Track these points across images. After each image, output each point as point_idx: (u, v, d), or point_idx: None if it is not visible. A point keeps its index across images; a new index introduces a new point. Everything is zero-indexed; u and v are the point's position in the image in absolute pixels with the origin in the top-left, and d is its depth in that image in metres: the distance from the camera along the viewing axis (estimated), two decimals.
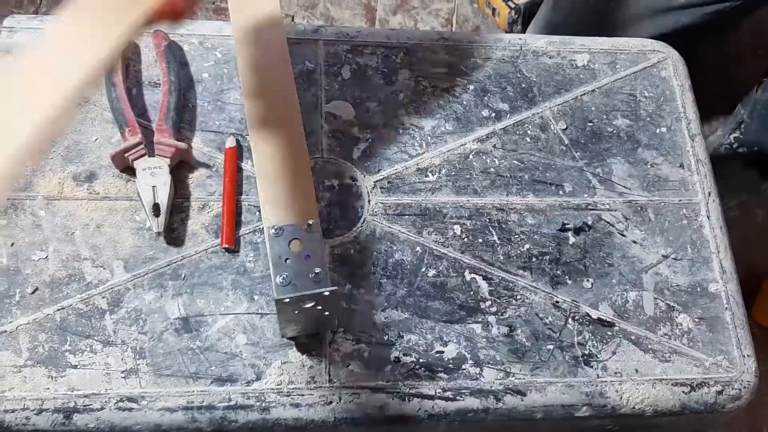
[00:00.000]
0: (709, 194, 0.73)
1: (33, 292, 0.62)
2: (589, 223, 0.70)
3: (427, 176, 0.71)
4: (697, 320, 0.67)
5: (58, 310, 0.61)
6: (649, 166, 0.74)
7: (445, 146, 0.73)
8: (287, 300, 0.53)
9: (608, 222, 0.71)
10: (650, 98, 0.78)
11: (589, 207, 0.71)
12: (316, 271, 0.62)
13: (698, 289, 0.69)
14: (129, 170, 0.66)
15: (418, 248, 0.68)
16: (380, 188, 0.70)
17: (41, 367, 0.59)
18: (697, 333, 0.67)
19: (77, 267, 0.63)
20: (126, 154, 0.65)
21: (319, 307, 0.56)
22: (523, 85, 0.77)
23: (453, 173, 0.72)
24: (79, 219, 0.65)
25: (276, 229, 0.63)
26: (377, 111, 0.74)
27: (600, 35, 0.82)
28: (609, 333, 0.66)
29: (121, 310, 0.62)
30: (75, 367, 0.59)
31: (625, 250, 0.70)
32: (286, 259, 0.62)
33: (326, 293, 0.54)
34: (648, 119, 0.77)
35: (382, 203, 0.69)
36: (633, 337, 0.66)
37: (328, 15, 1.30)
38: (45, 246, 0.63)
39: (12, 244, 0.63)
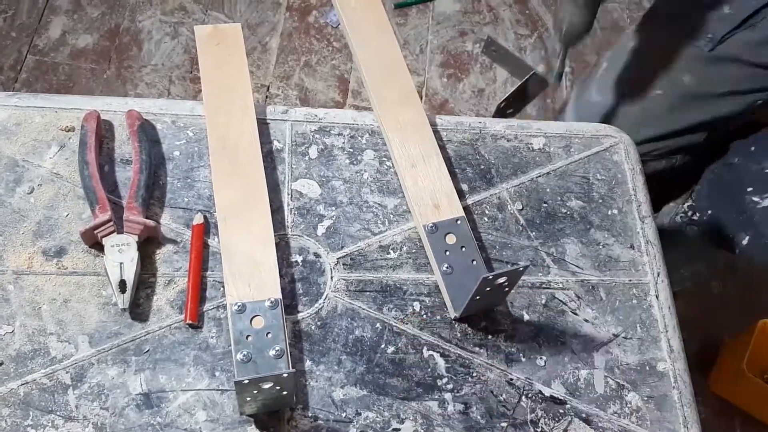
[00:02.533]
0: (658, 275, 0.77)
1: None
2: (543, 302, 0.73)
3: (388, 253, 0.74)
4: (645, 399, 0.70)
5: (21, 384, 0.62)
6: (600, 247, 0.77)
7: (406, 224, 0.76)
8: (245, 381, 0.54)
9: (561, 301, 0.74)
10: (602, 181, 0.82)
11: (543, 286, 0.74)
12: (277, 349, 0.64)
13: (647, 368, 0.71)
14: (98, 246, 0.68)
15: (378, 325, 0.70)
16: (343, 265, 0.73)
17: None
18: (645, 411, 0.69)
19: (43, 342, 0.64)
20: (95, 231, 0.67)
21: (278, 387, 0.57)
22: (482, 167, 0.80)
23: (414, 251, 0.74)
24: (46, 294, 0.66)
25: (239, 306, 0.65)
26: (342, 189, 0.77)
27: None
28: (561, 411, 0.68)
29: (84, 385, 0.63)
30: None
31: (577, 329, 0.72)
32: (248, 335, 0.64)
33: (284, 375, 0.55)
34: (600, 201, 0.80)
35: (344, 279, 0.72)
36: (584, 415, 0.68)
37: (302, 86, 1.34)
38: (12, 320, 0.65)
39: None
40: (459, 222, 0.73)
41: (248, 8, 1.46)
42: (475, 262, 0.71)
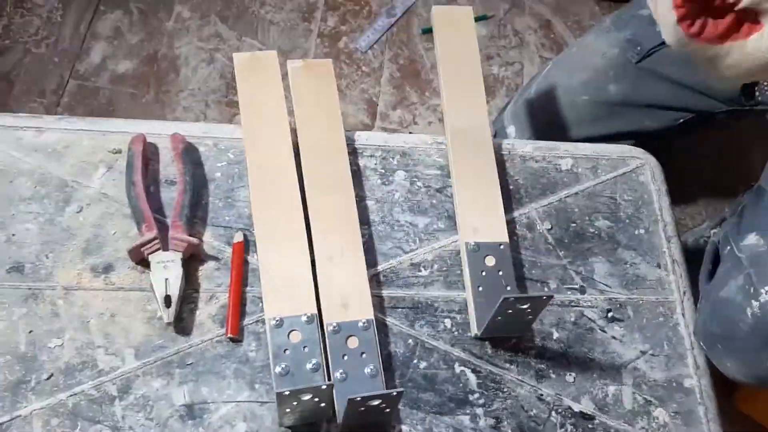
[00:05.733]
0: (684, 293, 0.78)
1: (48, 378, 0.66)
2: (572, 319, 0.75)
3: (420, 271, 0.76)
4: (672, 414, 0.71)
5: (70, 395, 0.65)
6: (628, 266, 0.79)
7: (437, 243, 0.78)
8: (286, 393, 0.57)
9: (590, 318, 0.75)
10: (629, 201, 0.83)
11: (572, 304, 0.76)
12: (313, 362, 0.66)
13: (674, 384, 0.73)
14: (144, 263, 0.71)
15: (410, 341, 0.72)
16: (375, 282, 0.75)
17: None
18: (672, 427, 0.70)
19: (91, 354, 0.67)
20: (142, 249, 0.70)
21: (316, 399, 0.60)
22: (511, 187, 0.83)
23: (444, 269, 0.76)
24: (94, 308, 0.70)
25: (276, 321, 0.68)
26: (375, 209, 0.79)
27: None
28: (590, 426, 0.69)
29: (130, 396, 0.66)
30: None
31: (605, 346, 0.74)
32: (286, 349, 0.67)
33: (323, 387, 0.58)
34: (627, 221, 0.82)
35: (377, 296, 0.74)
36: (612, 430, 0.69)
37: None
38: (61, 334, 0.68)
39: (30, 332, 0.68)
40: (502, 247, 0.75)
41: (281, 35, 1.50)
42: (509, 288, 0.73)
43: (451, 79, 0.84)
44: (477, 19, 1.66)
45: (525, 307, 0.66)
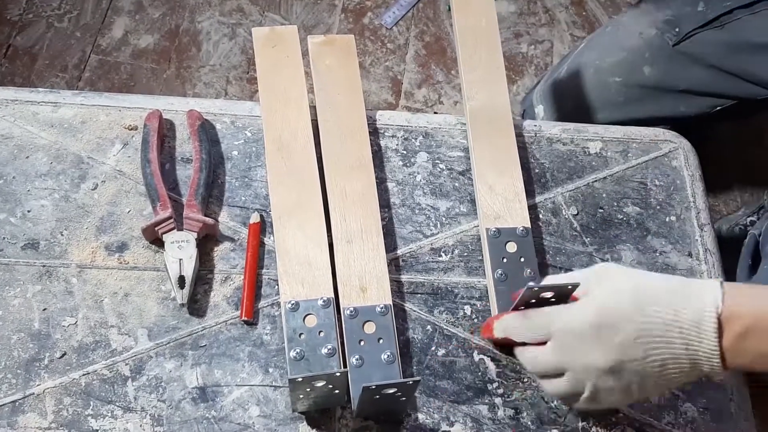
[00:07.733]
0: None
1: (61, 357, 0.65)
2: None
3: (440, 256, 0.74)
4: (701, 410, 0.68)
5: (83, 375, 0.64)
6: (657, 254, 0.76)
7: (458, 227, 0.76)
8: (299, 379, 0.55)
9: None
10: (661, 187, 0.80)
11: None
12: (329, 347, 0.65)
13: (703, 379, 0.70)
14: (158, 242, 0.70)
15: (428, 327, 0.70)
16: (394, 266, 0.73)
17: (64, 430, 0.62)
18: (701, 423, 0.68)
19: (104, 334, 0.66)
20: (156, 228, 0.69)
21: (330, 386, 0.58)
22: (537, 171, 0.80)
23: (465, 254, 0.74)
24: (108, 287, 0.69)
25: (292, 304, 0.66)
26: (395, 191, 0.77)
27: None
28: (613, 419, 0.67)
29: (143, 377, 0.65)
30: (96, 431, 0.62)
31: None
32: (301, 333, 0.65)
33: (337, 374, 0.56)
34: (658, 207, 0.79)
35: (395, 281, 0.72)
36: (637, 425, 0.67)
37: None
38: (75, 312, 0.67)
39: (44, 309, 0.67)
40: (524, 232, 0.72)
41: (304, 10, 1.48)
42: (530, 275, 0.70)
43: (469, 57, 0.81)
44: None
45: (549, 296, 0.63)
